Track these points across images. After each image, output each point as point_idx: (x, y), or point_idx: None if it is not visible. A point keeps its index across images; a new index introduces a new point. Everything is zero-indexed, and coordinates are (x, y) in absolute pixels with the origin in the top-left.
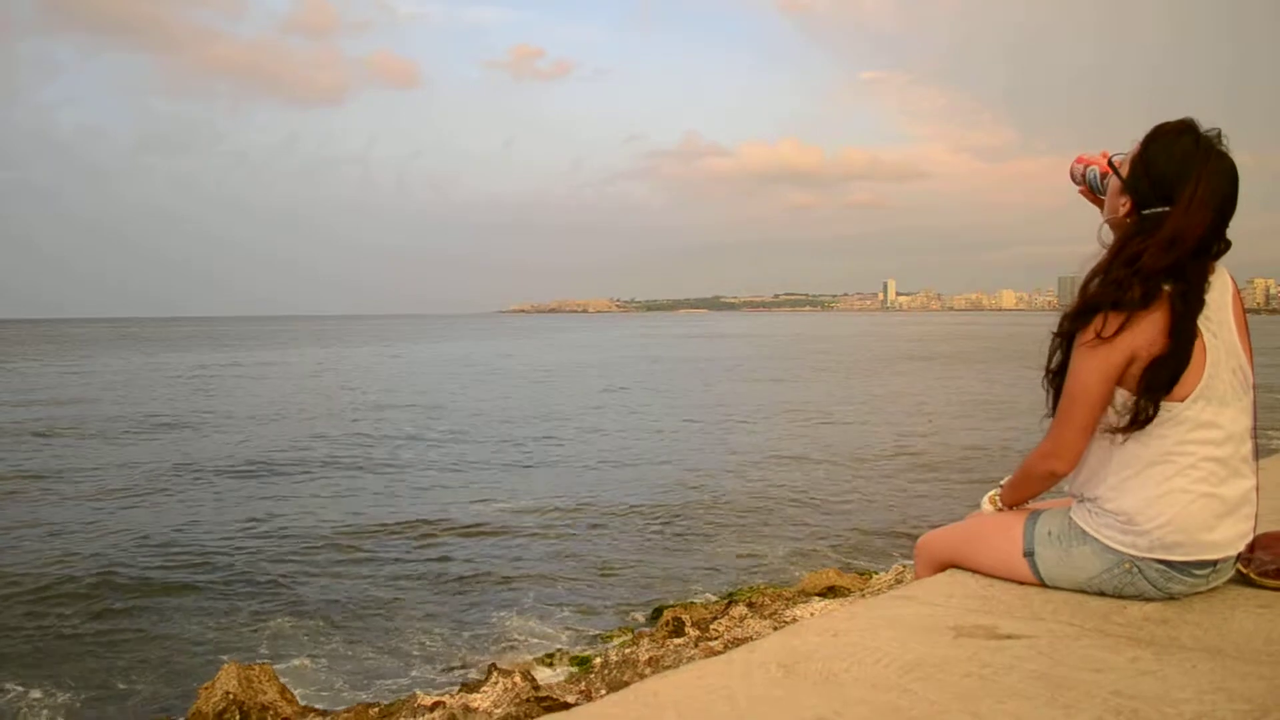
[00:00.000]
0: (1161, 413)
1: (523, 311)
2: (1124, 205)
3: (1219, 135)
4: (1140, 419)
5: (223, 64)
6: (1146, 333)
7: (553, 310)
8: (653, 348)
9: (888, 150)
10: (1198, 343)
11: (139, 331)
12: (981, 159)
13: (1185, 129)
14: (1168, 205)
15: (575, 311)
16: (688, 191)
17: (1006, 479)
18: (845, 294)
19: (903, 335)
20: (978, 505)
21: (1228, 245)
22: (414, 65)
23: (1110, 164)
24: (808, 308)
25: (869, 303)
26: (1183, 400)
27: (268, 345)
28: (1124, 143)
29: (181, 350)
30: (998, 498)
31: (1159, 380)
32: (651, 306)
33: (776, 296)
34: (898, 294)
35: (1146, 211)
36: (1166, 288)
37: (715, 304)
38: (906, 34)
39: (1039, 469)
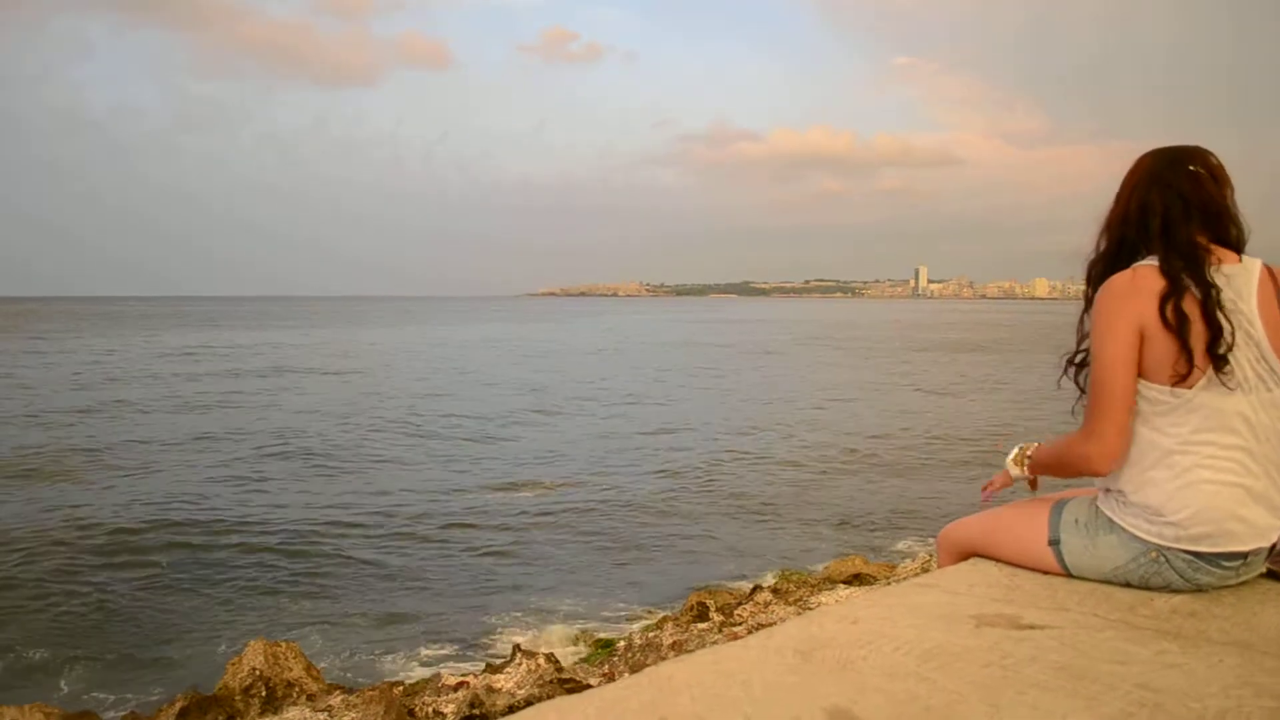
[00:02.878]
0: (1173, 399)
1: (551, 295)
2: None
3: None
4: (1186, 373)
5: (252, 43)
6: (1151, 304)
7: (582, 294)
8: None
9: (919, 136)
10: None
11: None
12: (1014, 145)
13: None
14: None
15: (605, 295)
16: (717, 176)
17: (1035, 447)
18: (876, 280)
19: (987, 322)
20: (1002, 467)
21: (1239, 230)
22: (444, 47)
23: None
24: (838, 294)
25: (900, 290)
26: (1191, 388)
27: (396, 324)
28: (1139, 125)
29: (320, 327)
30: (1025, 462)
31: (1190, 325)
32: (681, 291)
33: (807, 282)
34: (929, 281)
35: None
36: (1154, 261)
37: (745, 289)
38: (936, 20)
39: (1079, 467)
